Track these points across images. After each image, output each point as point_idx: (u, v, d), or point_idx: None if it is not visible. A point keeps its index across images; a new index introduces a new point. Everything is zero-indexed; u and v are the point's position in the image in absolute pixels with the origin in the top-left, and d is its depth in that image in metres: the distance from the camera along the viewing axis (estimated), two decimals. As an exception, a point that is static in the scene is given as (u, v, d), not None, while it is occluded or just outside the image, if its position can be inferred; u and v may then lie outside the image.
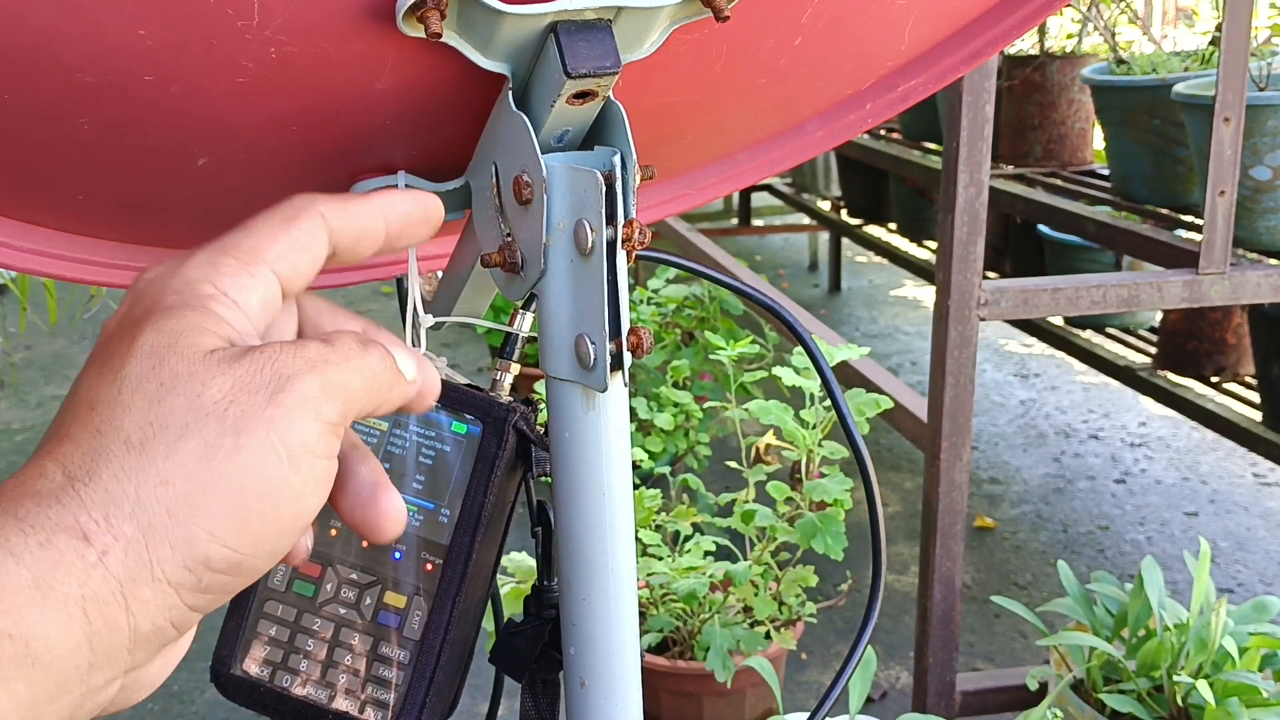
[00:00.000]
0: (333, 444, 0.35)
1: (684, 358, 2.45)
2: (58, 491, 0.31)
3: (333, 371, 0.35)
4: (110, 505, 0.31)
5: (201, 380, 0.33)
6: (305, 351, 0.34)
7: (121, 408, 0.33)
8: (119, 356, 0.34)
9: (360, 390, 0.36)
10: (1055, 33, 2.99)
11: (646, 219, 0.59)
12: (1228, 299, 1.65)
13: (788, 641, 1.61)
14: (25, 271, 0.52)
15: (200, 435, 0.32)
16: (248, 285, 0.36)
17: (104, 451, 0.32)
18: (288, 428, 0.33)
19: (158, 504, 0.32)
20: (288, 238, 0.37)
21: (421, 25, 0.38)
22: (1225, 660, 1.38)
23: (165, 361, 0.33)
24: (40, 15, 0.35)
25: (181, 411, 0.32)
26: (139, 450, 0.32)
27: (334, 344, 0.35)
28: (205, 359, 0.33)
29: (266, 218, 0.38)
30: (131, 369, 0.33)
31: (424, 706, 0.52)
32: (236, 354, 0.34)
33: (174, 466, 0.32)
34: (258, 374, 0.33)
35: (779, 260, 5.18)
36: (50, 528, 0.30)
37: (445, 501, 0.53)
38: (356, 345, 0.36)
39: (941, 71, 0.62)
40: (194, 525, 0.32)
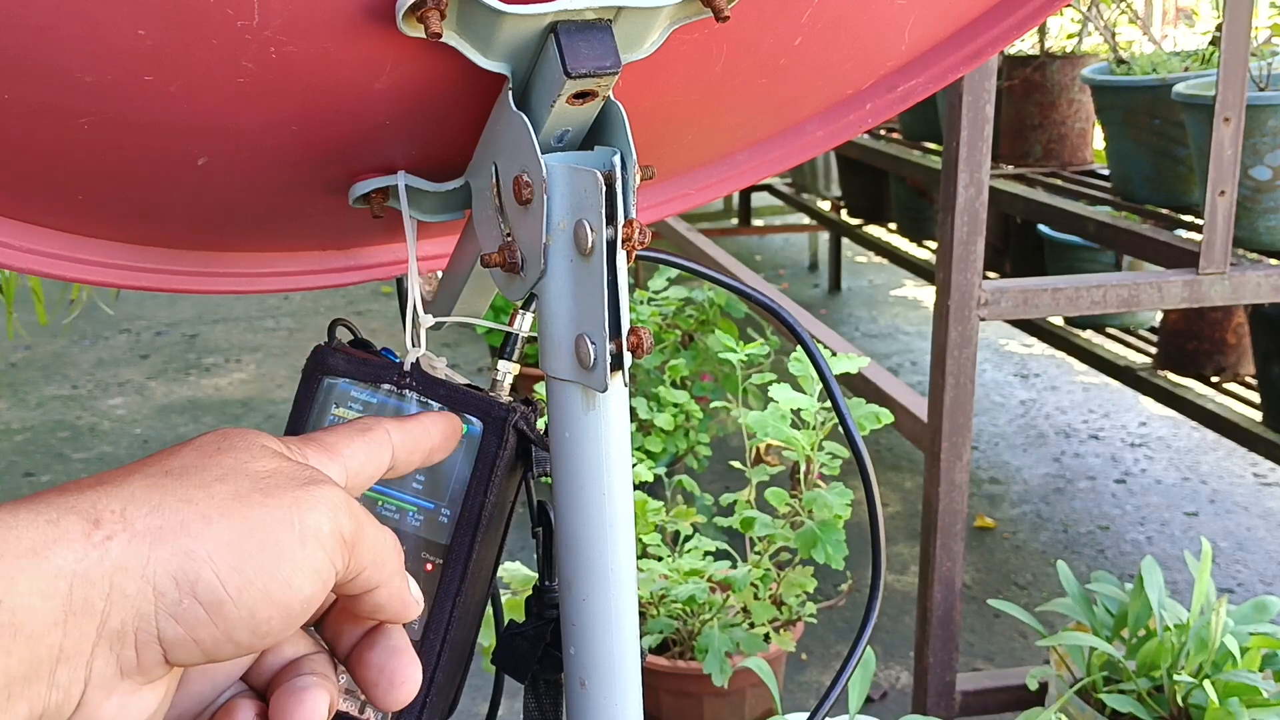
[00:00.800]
0: (337, 553, 0.36)
1: (682, 358, 2.45)
2: (84, 488, 0.33)
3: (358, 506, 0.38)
4: (131, 502, 0.32)
5: (252, 454, 0.37)
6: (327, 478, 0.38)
7: (173, 453, 0.36)
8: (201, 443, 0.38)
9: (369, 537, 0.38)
10: (1055, 33, 2.99)
11: (646, 219, 0.59)
12: (1228, 299, 1.65)
13: (787, 643, 1.61)
14: (25, 271, 0.52)
15: (235, 485, 0.35)
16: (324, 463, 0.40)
17: (141, 470, 0.34)
18: (309, 509, 0.36)
19: (175, 514, 0.33)
20: (362, 441, 0.42)
21: (421, 25, 0.38)
22: (1225, 660, 1.38)
23: (228, 437, 0.38)
24: (39, 15, 0.35)
25: (227, 465, 0.36)
26: (177, 476, 0.34)
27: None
28: (261, 448, 0.38)
29: (344, 425, 0.43)
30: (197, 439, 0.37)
31: (424, 706, 0.52)
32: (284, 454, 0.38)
33: (202, 495, 0.34)
34: (298, 469, 0.37)
35: (779, 260, 5.19)
36: (62, 509, 0.31)
37: (445, 501, 0.53)
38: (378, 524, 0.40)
39: (941, 71, 0.62)
40: (200, 541, 0.33)
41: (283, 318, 4.45)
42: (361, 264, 0.65)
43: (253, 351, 4.07)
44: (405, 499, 0.53)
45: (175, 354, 4.04)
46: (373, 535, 0.38)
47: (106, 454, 3.16)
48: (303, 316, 4.47)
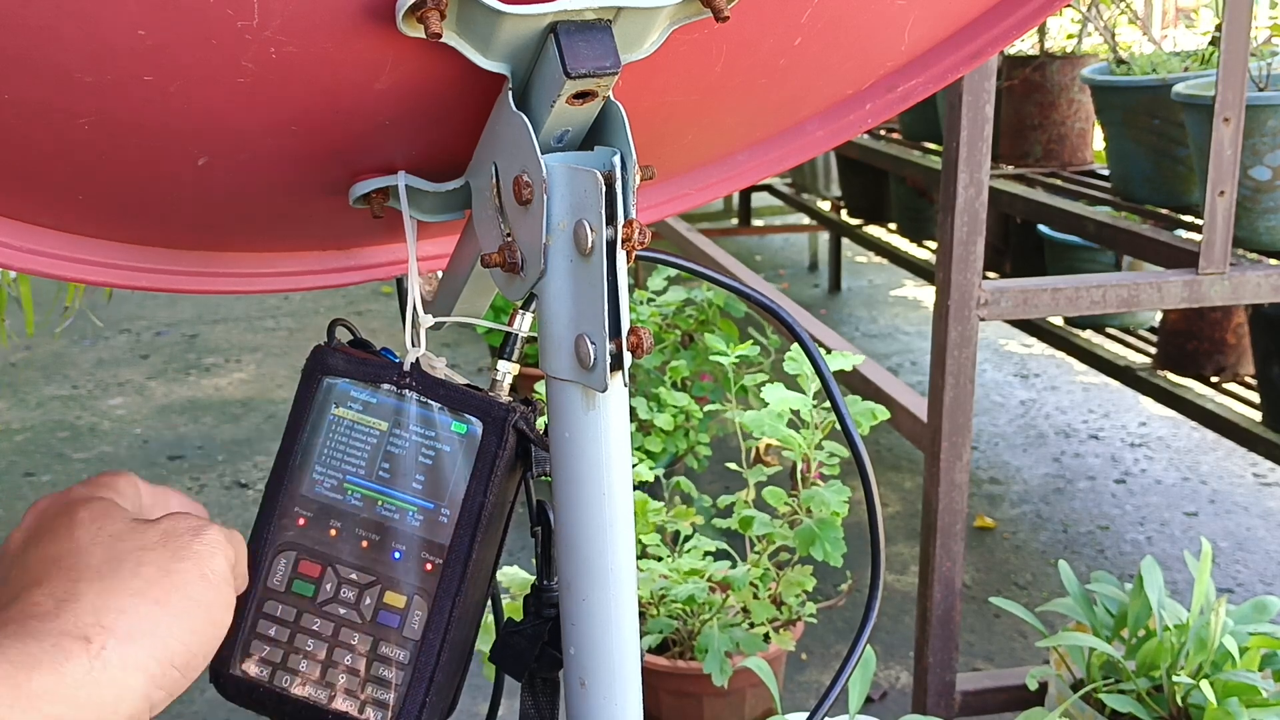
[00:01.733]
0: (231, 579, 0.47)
1: (682, 359, 2.45)
2: (53, 612, 0.41)
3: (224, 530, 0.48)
4: (100, 613, 0.41)
5: (139, 531, 0.45)
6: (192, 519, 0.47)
7: (85, 554, 0.44)
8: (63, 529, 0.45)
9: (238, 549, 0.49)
10: (1055, 33, 2.99)
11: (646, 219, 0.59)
12: (1228, 299, 1.65)
13: (786, 642, 1.61)
14: (25, 271, 0.52)
15: (152, 563, 0.44)
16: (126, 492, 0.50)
17: (81, 580, 0.42)
18: (210, 558, 0.46)
19: (136, 611, 0.42)
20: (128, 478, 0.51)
21: (421, 25, 0.38)
22: (1225, 660, 1.38)
23: (105, 526, 0.45)
24: (39, 15, 0.35)
25: (133, 550, 0.44)
26: (110, 577, 0.43)
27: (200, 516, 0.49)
28: (133, 522, 0.46)
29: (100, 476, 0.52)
30: (80, 533, 0.45)
31: (424, 706, 0.52)
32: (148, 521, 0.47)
33: (140, 584, 0.43)
34: (175, 524, 0.46)
35: (779, 260, 5.18)
36: (57, 634, 0.40)
37: (445, 501, 0.53)
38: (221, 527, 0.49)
39: (941, 71, 0.62)
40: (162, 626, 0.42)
41: (283, 318, 4.45)
42: (361, 264, 0.65)
43: (253, 351, 4.07)
44: (405, 499, 0.53)
45: (175, 354, 4.04)
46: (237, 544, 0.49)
47: (106, 454, 3.16)
48: (303, 316, 4.47)
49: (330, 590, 0.53)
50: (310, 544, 0.53)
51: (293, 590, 0.53)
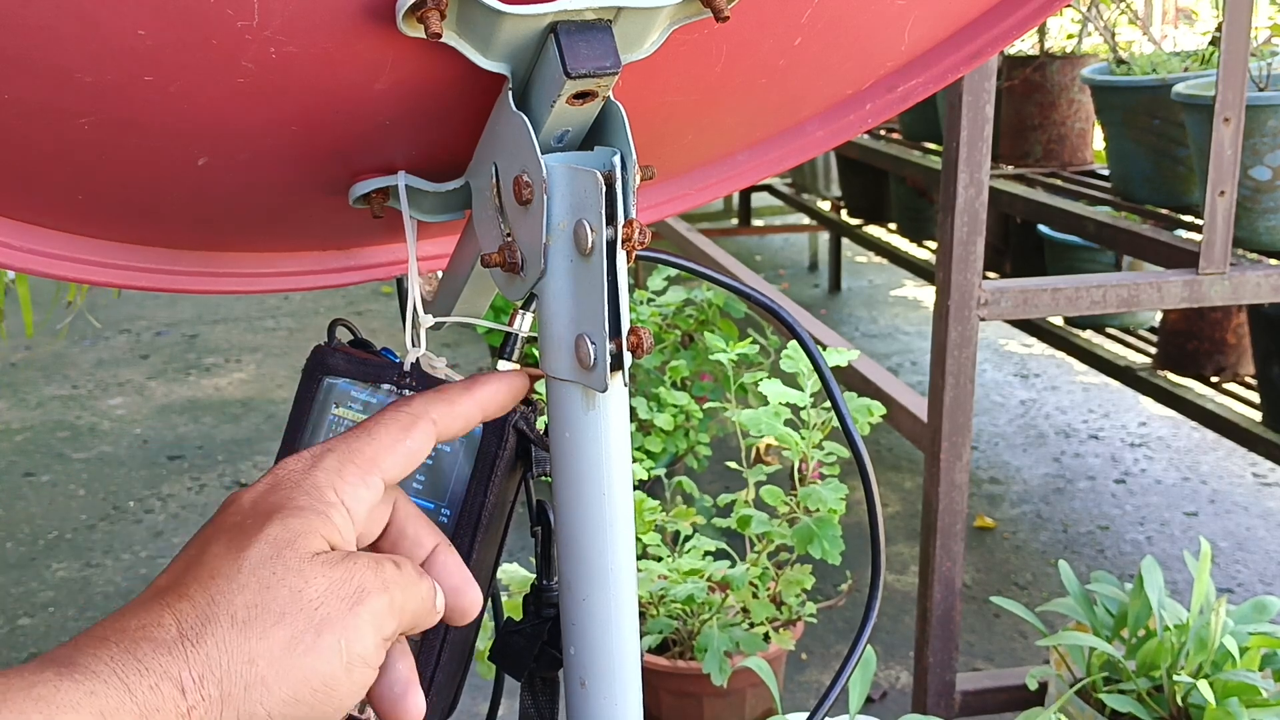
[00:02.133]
0: (380, 655, 0.42)
1: (682, 359, 2.45)
2: (171, 644, 0.38)
3: (398, 593, 0.42)
4: (207, 669, 0.38)
5: (305, 578, 0.41)
6: (382, 573, 0.42)
7: (238, 584, 0.40)
8: (247, 537, 0.41)
9: (410, 613, 0.43)
10: (1055, 33, 2.99)
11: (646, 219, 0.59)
12: (1228, 299, 1.65)
13: (786, 642, 1.61)
14: (25, 271, 0.52)
15: (291, 627, 0.40)
16: (363, 496, 0.44)
17: (213, 620, 0.39)
18: (355, 637, 0.41)
19: (240, 678, 0.39)
20: (403, 449, 0.45)
21: (421, 25, 0.38)
22: (1225, 660, 1.38)
23: (281, 555, 0.41)
24: (39, 15, 0.35)
25: (283, 601, 0.40)
26: (242, 627, 0.39)
27: (401, 569, 0.43)
28: (312, 560, 0.41)
29: (387, 424, 0.46)
30: (253, 553, 0.41)
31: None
32: (337, 559, 0.42)
33: (262, 649, 0.39)
34: (346, 583, 0.41)
35: (779, 260, 5.18)
36: (160, 674, 0.37)
37: (445, 501, 0.53)
38: (415, 574, 0.44)
39: (941, 71, 0.62)
40: (259, 704, 0.39)
41: (283, 318, 4.45)
42: (361, 264, 0.65)
43: (253, 351, 4.07)
44: (405, 499, 0.53)
45: (175, 354, 4.04)
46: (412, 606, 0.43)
47: (106, 454, 3.16)
48: (303, 316, 4.47)
49: (330, 590, 0.53)
50: (310, 544, 0.53)
51: (293, 590, 0.53)
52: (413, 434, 0.45)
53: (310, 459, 0.44)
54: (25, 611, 2.36)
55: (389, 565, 0.43)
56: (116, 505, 2.84)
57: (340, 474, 0.44)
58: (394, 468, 0.45)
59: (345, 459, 0.44)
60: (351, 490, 0.43)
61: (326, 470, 0.43)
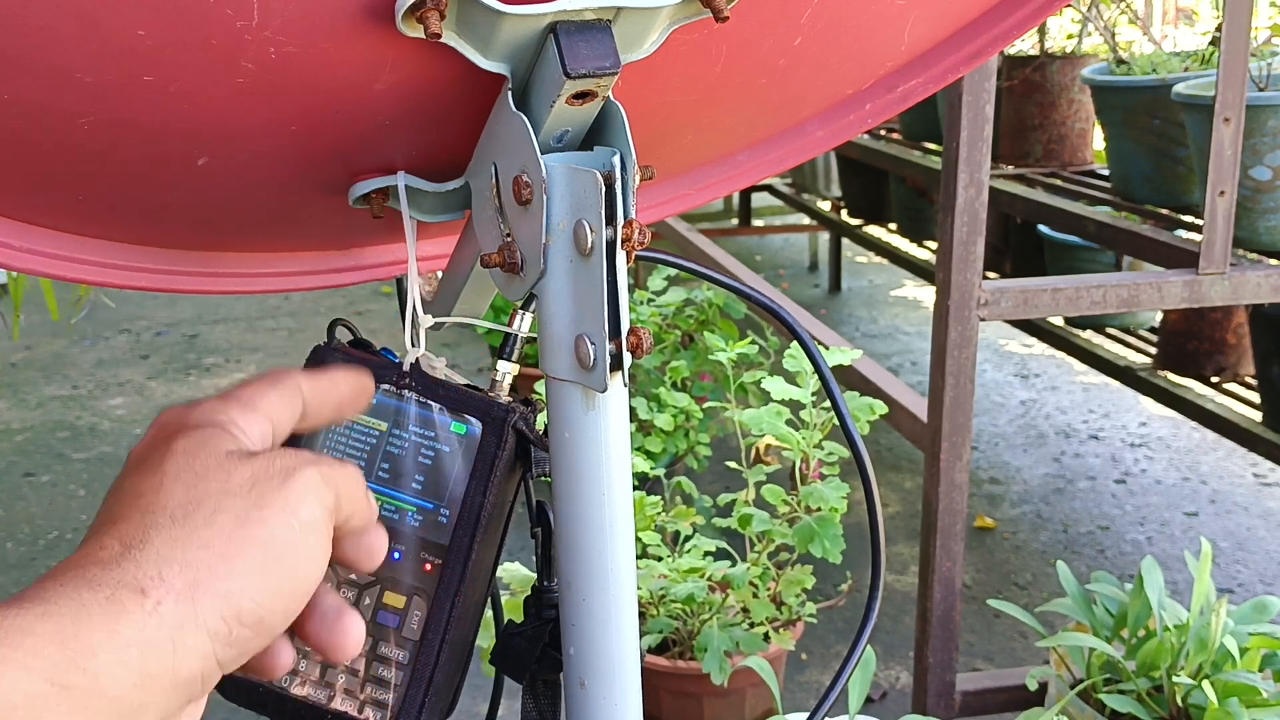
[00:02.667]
0: (329, 526, 0.42)
1: (682, 359, 2.45)
2: (117, 558, 0.38)
3: (326, 468, 0.43)
4: (162, 564, 0.38)
5: (227, 469, 0.41)
6: (302, 453, 0.43)
7: (165, 492, 0.40)
8: (157, 457, 0.42)
9: (343, 490, 0.43)
10: (1055, 33, 2.99)
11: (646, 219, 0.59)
12: (1228, 299, 1.65)
13: (786, 642, 1.61)
14: (25, 271, 0.52)
15: (231, 509, 0.40)
16: (251, 420, 0.45)
17: (153, 525, 0.39)
18: (300, 505, 0.41)
19: (201, 564, 0.38)
20: (275, 393, 0.46)
21: (421, 25, 0.38)
22: (1225, 660, 1.38)
23: (196, 457, 0.41)
24: (39, 15, 0.35)
25: (214, 493, 0.40)
26: (182, 522, 0.39)
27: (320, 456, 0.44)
28: (228, 455, 0.42)
29: (257, 380, 0.47)
30: (169, 465, 0.41)
31: (423, 706, 0.52)
32: (250, 453, 0.42)
33: (212, 533, 0.39)
34: (270, 464, 0.42)
35: (779, 260, 5.18)
36: (114, 584, 0.37)
37: (445, 501, 0.53)
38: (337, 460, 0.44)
39: (941, 71, 0.62)
40: (230, 581, 0.38)
41: (283, 318, 4.45)
42: (361, 264, 0.65)
43: (253, 352, 4.07)
44: (405, 499, 0.53)
45: (175, 354, 4.04)
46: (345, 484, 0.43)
47: (106, 454, 3.16)
48: (303, 316, 4.47)
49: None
50: (310, 544, 0.53)
51: (293, 590, 0.53)
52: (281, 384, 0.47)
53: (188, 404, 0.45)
54: (25, 611, 2.35)
55: (305, 452, 0.43)
56: (116, 505, 2.83)
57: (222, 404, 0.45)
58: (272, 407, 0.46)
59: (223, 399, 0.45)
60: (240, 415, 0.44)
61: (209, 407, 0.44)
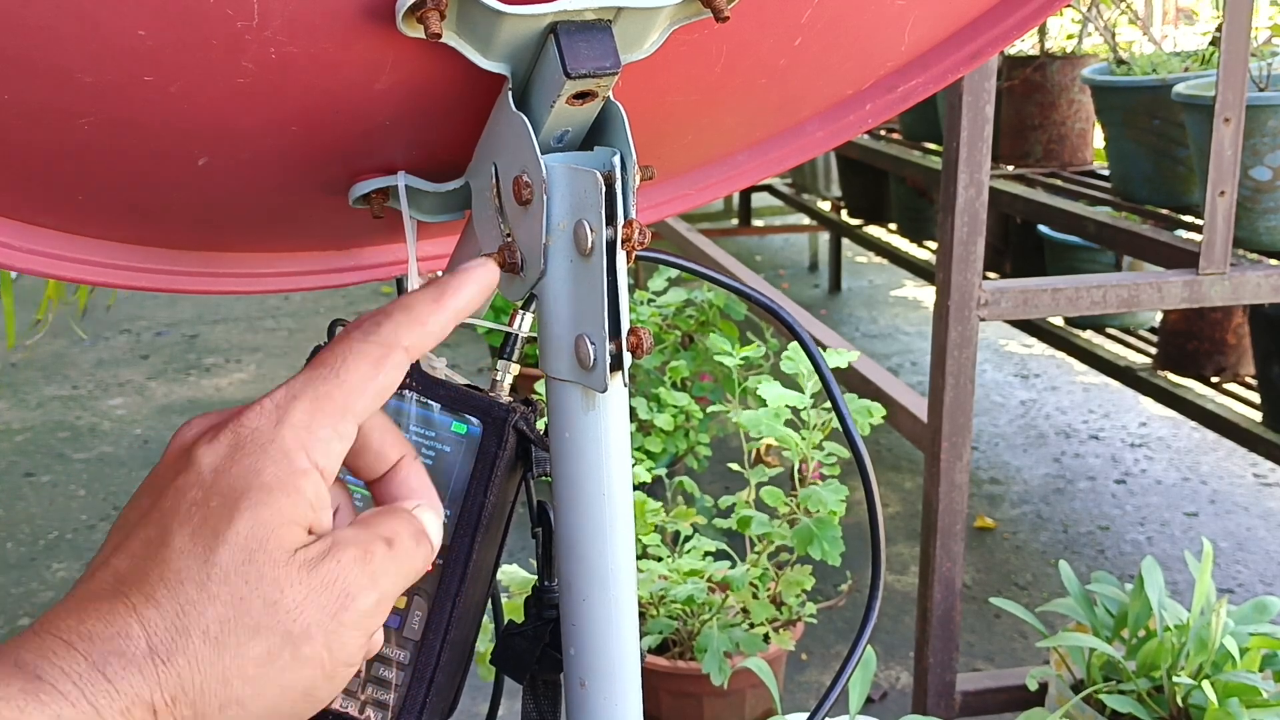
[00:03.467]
0: (363, 655, 0.40)
1: (682, 359, 2.45)
2: (140, 661, 0.36)
3: (388, 582, 0.40)
4: (180, 690, 0.36)
5: (281, 587, 0.38)
6: (369, 565, 0.39)
7: (208, 596, 0.37)
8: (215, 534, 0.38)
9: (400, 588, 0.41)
10: (1055, 33, 2.99)
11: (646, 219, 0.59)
12: (1228, 299, 1.65)
13: (786, 643, 1.61)
14: (25, 271, 0.52)
15: (267, 642, 0.37)
16: (336, 451, 0.40)
17: (185, 634, 0.36)
18: (339, 644, 0.38)
19: (214, 698, 0.37)
20: (375, 386, 0.41)
21: (421, 26, 0.38)
22: (1225, 661, 1.38)
23: (254, 559, 0.38)
24: (39, 15, 0.35)
25: (258, 613, 0.37)
26: (214, 644, 0.37)
27: (394, 546, 0.41)
28: (289, 562, 0.38)
29: (356, 361, 0.41)
30: (223, 556, 0.37)
31: (424, 707, 0.52)
32: (315, 559, 0.39)
33: (237, 668, 0.37)
34: (329, 587, 0.38)
35: (779, 260, 5.18)
36: (132, 698, 0.35)
37: (445, 502, 0.53)
38: (410, 544, 0.41)
39: (941, 72, 0.62)
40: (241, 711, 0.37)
41: (283, 318, 4.45)
42: (361, 264, 0.65)
43: (253, 352, 4.06)
44: (405, 499, 0.53)
45: (175, 354, 4.04)
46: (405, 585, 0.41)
47: (106, 454, 3.16)
48: (303, 316, 4.47)
49: (330, 590, 0.53)
50: (310, 544, 0.53)
51: (293, 590, 0.53)
52: (385, 368, 0.41)
53: (275, 412, 0.40)
54: (25, 611, 2.36)
55: (379, 549, 0.40)
56: (117, 506, 2.83)
57: (310, 430, 0.39)
58: (367, 409, 0.41)
59: (315, 409, 0.40)
60: (324, 447, 0.40)
61: (295, 428, 0.39)
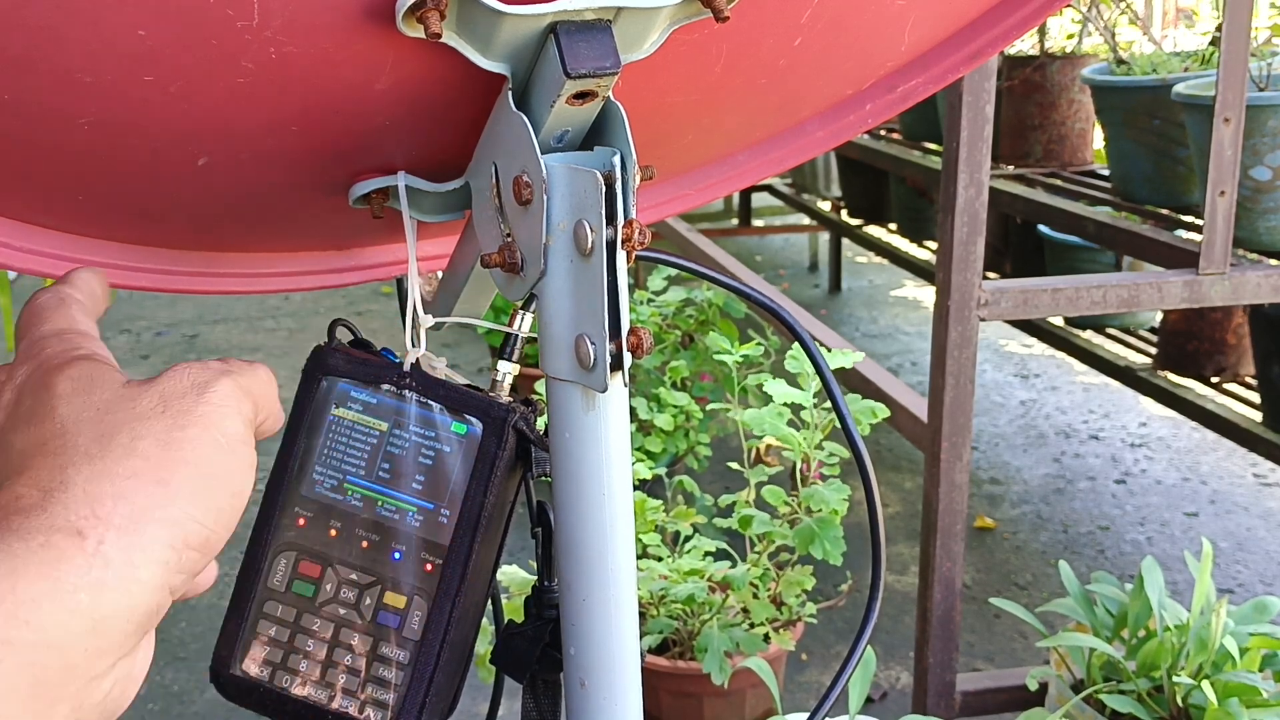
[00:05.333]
0: (251, 436, 0.40)
1: (682, 359, 2.45)
2: (40, 503, 0.34)
3: (239, 376, 0.40)
4: (93, 502, 0.35)
5: (132, 398, 0.38)
6: (210, 365, 0.40)
7: (70, 434, 0.37)
8: (43, 405, 0.38)
9: (258, 394, 0.41)
10: (1055, 33, 2.99)
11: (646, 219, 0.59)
12: (1228, 299, 1.65)
13: (786, 643, 1.61)
14: (25, 271, 0.52)
15: (150, 434, 0.37)
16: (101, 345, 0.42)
17: (69, 465, 0.36)
18: (221, 420, 0.39)
19: (135, 494, 0.36)
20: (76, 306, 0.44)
21: (421, 25, 0.38)
22: (1225, 661, 1.38)
23: (92, 394, 0.38)
24: (40, 15, 0.35)
25: (125, 421, 0.37)
26: (100, 457, 0.36)
27: (229, 361, 0.41)
28: (125, 385, 0.39)
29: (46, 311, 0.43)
30: (63, 408, 0.38)
31: (424, 707, 0.52)
32: (149, 379, 0.39)
33: (138, 462, 0.36)
34: (178, 382, 0.39)
35: (779, 260, 5.18)
36: (46, 530, 0.34)
37: (445, 502, 0.53)
38: (246, 362, 0.42)
39: (941, 72, 0.62)
40: (170, 506, 0.36)
41: (283, 318, 4.45)
42: (361, 264, 0.65)
43: (253, 352, 4.06)
44: (405, 499, 0.53)
45: (176, 354, 4.04)
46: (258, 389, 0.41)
47: (106, 454, 3.16)
48: (303, 316, 4.47)
49: (330, 591, 0.53)
50: (310, 544, 0.53)
51: (293, 590, 0.53)
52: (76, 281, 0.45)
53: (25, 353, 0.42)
54: (25, 612, 2.35)
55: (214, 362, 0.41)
56: (116, 505, 2.83)
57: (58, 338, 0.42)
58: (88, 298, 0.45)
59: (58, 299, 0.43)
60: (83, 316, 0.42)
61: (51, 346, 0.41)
